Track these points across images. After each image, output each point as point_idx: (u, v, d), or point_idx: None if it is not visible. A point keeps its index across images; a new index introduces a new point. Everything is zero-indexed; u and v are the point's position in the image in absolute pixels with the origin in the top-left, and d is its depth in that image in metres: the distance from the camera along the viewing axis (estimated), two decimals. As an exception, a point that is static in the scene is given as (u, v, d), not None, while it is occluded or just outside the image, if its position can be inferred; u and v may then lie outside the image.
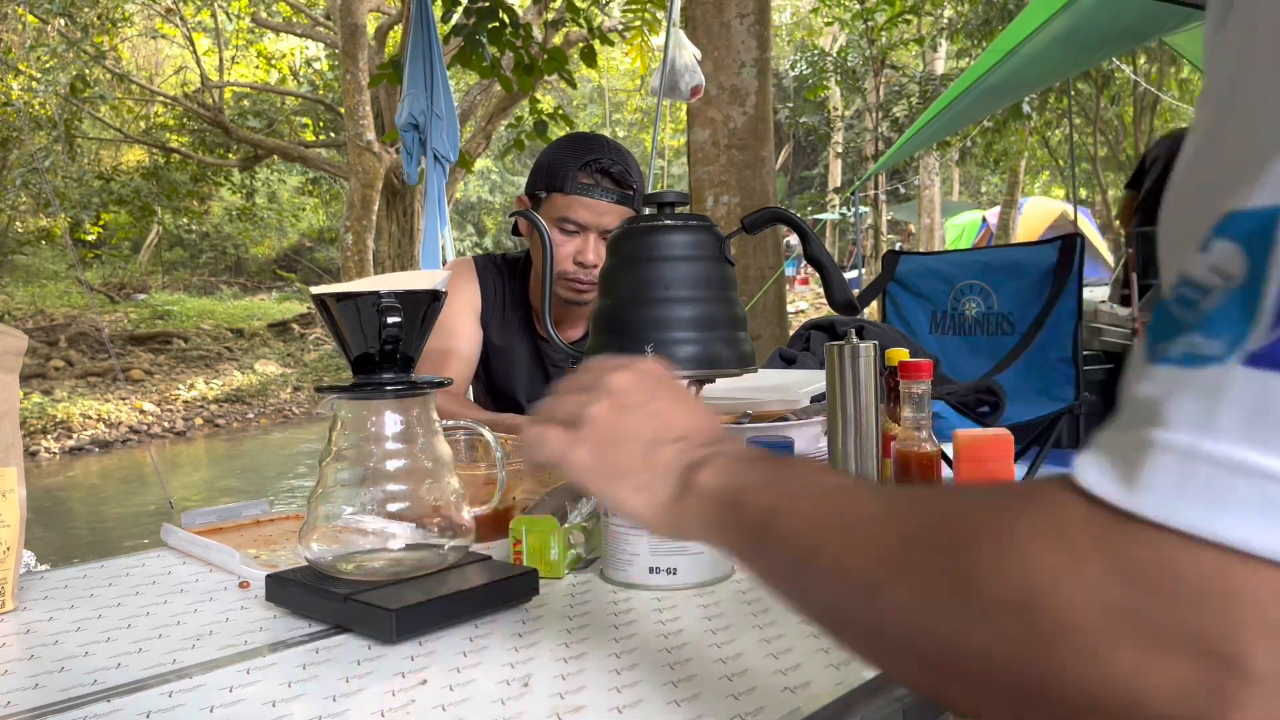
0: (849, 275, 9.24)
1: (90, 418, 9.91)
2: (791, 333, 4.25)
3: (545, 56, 5.67)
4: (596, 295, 1.07)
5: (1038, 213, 15.04)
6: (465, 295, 1.89)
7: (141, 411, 10.37)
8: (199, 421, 10.60)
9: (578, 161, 1.74)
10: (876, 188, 12.75)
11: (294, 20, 15.64)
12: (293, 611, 0.96)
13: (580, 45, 6.98)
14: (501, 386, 1.95)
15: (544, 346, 1.93)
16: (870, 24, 11.68)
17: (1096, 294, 6.08)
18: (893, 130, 12.81)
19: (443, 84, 4.60)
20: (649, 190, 5.44)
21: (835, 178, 19.31)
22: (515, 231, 1.83)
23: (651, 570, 1.01)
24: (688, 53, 5.00)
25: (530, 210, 1.24)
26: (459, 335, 1.87)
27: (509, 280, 1.94)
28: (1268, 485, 0.33)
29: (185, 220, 18.06)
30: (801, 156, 24.19)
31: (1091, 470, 0.39)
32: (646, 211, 1.05)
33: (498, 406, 1.94)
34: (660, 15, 5.97)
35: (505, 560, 1.05)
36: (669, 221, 1.02)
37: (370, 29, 12.21)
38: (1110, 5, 4.11)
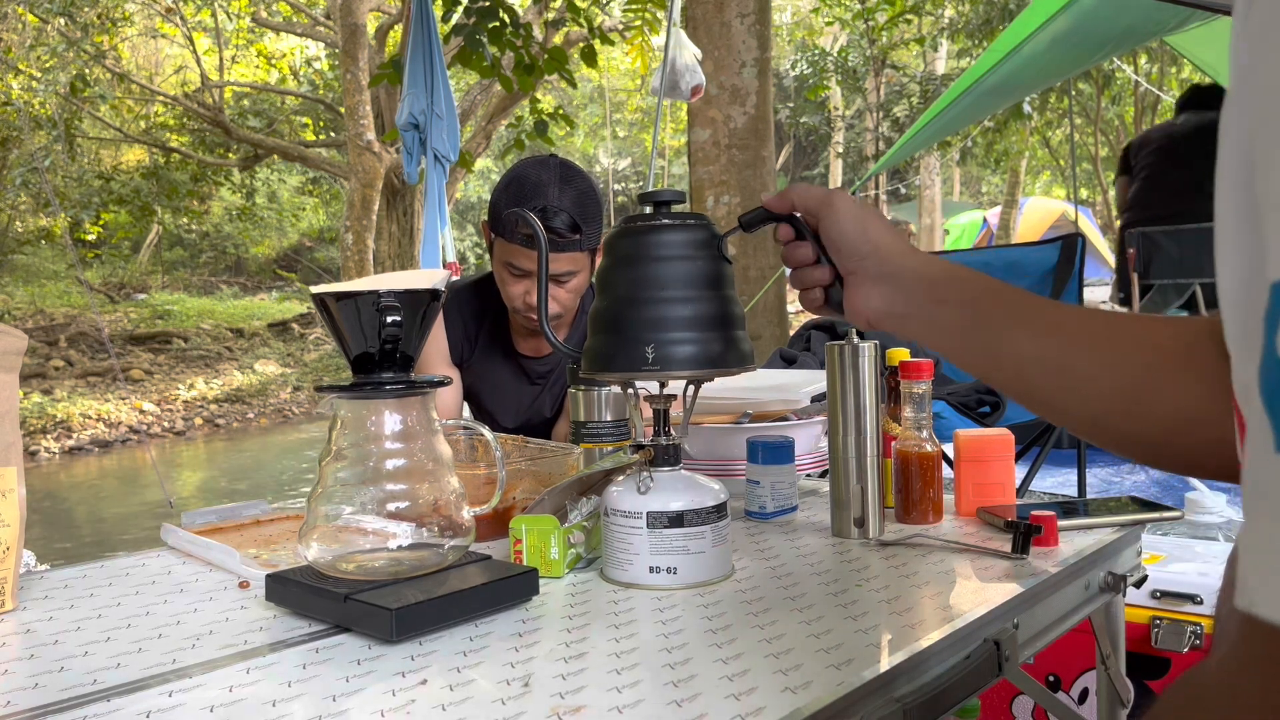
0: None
1: (90, 417, 9.91)
2: (792, 333, 4.24)
3: (545, 56, 5.67)
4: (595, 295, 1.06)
5: (1038, 213, 15.03)
6: (435, 343, 1.91)
7: (141, 411, 10.37)
8: (199, 421, 10.60)
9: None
10: (877, 188, 12.75)
11: (294, 20, 15.64)
12: (293, 611, 0.95)
13: (580, 45, 6.98)
14: (488, 410, 1.96)
15: (525, 363, 1.94)
16: (871, 24, 11.68)
17: (1097, 294, 6.08)
18: (893, 130, 12.81)
19: (443, 84, 4.60)
20: (650, 189, 5.43)
21: (836, 178, 19.30)
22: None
23: (651, 570, 1.01)
24: (688, 52, 5.00)
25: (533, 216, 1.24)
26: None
27: (481, 306, 1.95)
28: None
29: (185, 220, 18.05)
30: (802, 156, 24.18)
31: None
32: (646, 210, 1.04)
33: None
34: (661, 15, 5.97)
35: (505, 560, 1.05)
36: (665, 220, 1.01)
37: (370, 29, 12.21)
38: (1111, 5, 4.11)
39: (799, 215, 0.93)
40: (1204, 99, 4.50)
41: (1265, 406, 0.33)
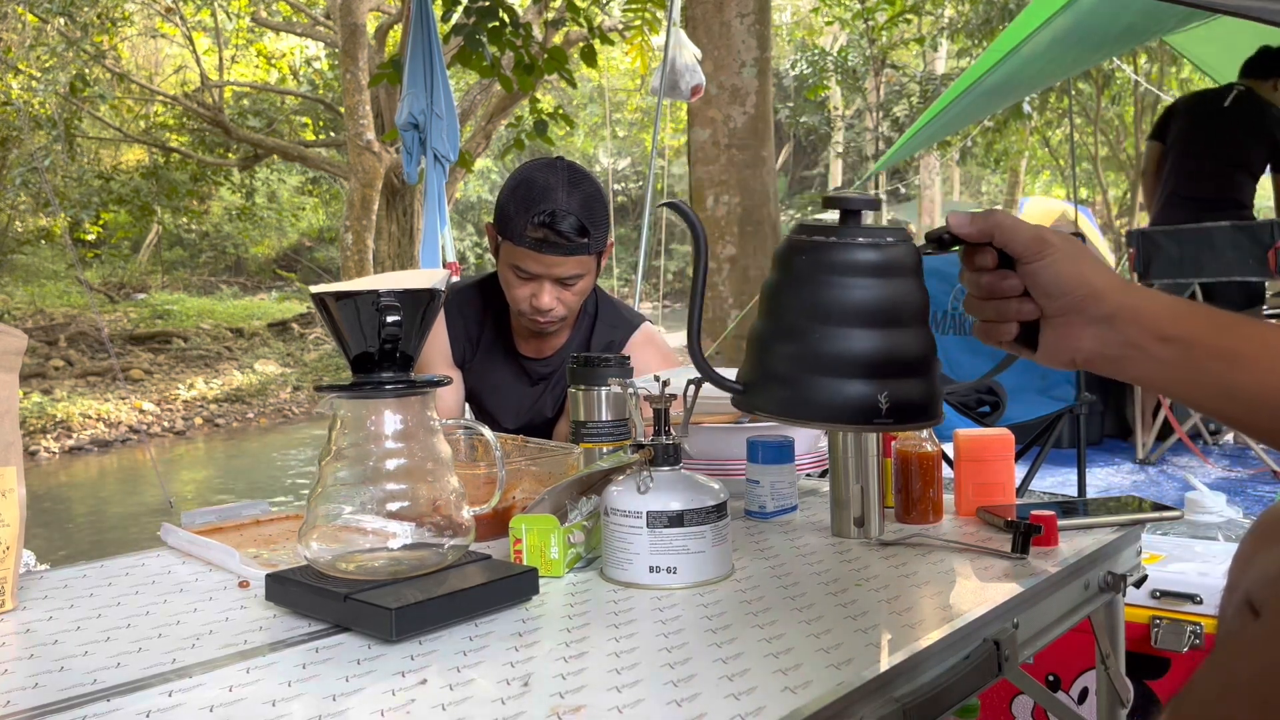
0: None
1: (90, 417, 9.91)
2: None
3: (545, 56, 5.67)
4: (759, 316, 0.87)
5: (1038, 212, 15.00)
6: (436, 344, 1.91)
7: (141, 411, 10.36)
8: (199, 421, 10.59)
9: (527, 215, 1.71)
10: (877, 187, 12.75)
11: (294, 20, 15.63)
12: (292, 611, 0.95)
13: (580, 45, 6.98)
14: (490, 411, 1.96)
15: (526, 363, 1.94)
16: (870, 23, 11.67)
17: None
18: (893, 130, 12.82)
19: (443, 84, 4.60)
20: (650, 190, 5.45)
21: (836, 178, 19.30)
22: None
23: (651, 570, 1.01)
24: (688, 52, 5.01)
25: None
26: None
27: (483, 307, 1.95)
28: None
29: (185, 220, 18.04)
30: (802, 156, 24.17)
31: None
32: (827, 216, 0.86)
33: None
34: (660, 15, 5.96)
35: (505, 560, 1.05)
36: (890, 238, 0.84)
37: (370, 28, 12.21)
38: (1110, 5, 4.11)
39: (994, 244, 0.82)
40: (1268, 64, 4.19)
41: None
